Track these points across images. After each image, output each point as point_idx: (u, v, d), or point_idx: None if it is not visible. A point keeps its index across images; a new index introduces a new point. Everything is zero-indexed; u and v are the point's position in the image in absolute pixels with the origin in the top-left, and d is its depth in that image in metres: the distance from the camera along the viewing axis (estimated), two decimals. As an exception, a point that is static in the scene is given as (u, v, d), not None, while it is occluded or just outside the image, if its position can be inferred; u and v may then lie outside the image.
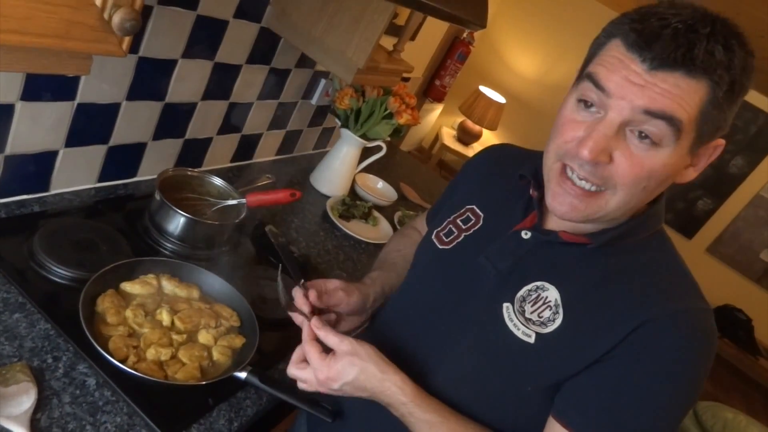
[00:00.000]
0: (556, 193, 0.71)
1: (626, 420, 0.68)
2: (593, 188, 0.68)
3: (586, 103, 0.67)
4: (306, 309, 0.87)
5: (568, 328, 0.72)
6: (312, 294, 0.89)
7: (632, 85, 0.63)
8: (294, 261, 0.96)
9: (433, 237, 0.91)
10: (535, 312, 0.74)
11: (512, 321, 0.75)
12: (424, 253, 0.94)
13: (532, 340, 0.73)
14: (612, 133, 0.65)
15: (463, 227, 0.88)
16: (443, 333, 0.82)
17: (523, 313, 0.75)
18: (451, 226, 0.90)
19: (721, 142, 0.69)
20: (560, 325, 0.72)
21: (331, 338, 0.80)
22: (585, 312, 0.72)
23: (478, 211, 0.88)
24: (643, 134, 0.64)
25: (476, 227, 0.87)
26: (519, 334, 0.74)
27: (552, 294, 0.74)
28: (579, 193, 0.69)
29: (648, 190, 0.68)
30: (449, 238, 0.88)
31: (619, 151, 0.65)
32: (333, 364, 0.78)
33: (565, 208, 0.71)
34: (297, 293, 0.89)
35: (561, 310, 0.73)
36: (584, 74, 0.68)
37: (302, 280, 0.91)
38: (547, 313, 0.73)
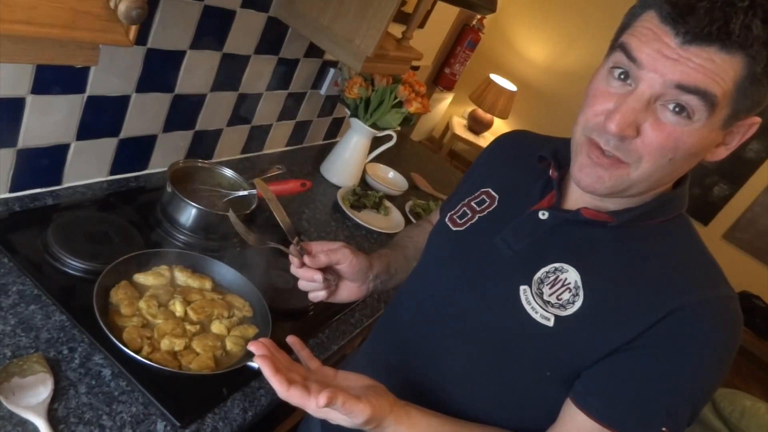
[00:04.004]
0: (583, 164, 0.69)
1: (650, 410, 0.67)
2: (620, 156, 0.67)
3: (619, 73, 0.65)
4: (296, 262, 0.85)
5: (588, 310, 0.70)
6: (310, 249, 0.87)
7: (665, 58, 0.61)
8: (287, 219, 0.92)
9: (446, 220, 0.89)
10: (553, 294, 0.72)
11: (530, 304, 0.73)
12: (436, 236, 0.92)
13: (551, 323, 0.71)
14: (641, 107, 0.63)
15: (477, 209, 0.86)
16: (457, 317, 0.81)
17: (541, 295, 0.73)
18: (465, 208, 0.88)
19: (757, 119, 0.67)
20: (580, 307, 0.71)
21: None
22: (607, 295, 0.70)
23: (492, 193, 0.86)
24: (677, 108, 0.62)
25: (491, 208, 0.85)
26: (537, 317, 0.72)
27: (571, 276, 0.72)
28: (606, 163, 0.67)
29: (674, 163, 0.66)
30: (462, 220, 0.86)
31: (648, 123, 0.64)
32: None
33: (591, 179, 0.69)
34: (292, 252, 0.86)
35: (581, 292, 0.71)
36: (617, 44, 0.67)
37: (297, 238, 0.88)
38: (566, 296, 0.71)
